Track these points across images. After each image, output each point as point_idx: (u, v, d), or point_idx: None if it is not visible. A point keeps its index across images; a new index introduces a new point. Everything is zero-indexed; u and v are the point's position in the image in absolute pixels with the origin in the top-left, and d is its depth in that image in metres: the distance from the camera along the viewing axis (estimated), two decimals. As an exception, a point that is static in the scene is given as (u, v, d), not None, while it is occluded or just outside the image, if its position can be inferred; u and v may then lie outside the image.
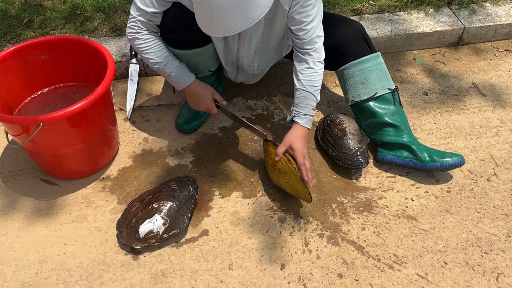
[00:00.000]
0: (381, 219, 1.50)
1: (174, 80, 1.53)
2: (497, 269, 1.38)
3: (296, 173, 1.43)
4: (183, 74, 1.52)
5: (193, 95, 1.56)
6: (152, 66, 1.51)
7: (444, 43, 2.19)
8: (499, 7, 2.26)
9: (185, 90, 1.56)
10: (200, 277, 1.35)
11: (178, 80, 1.53)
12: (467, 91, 1.97)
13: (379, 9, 2.23)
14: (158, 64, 1.49)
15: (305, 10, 1.40)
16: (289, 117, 1.53)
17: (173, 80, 1.53)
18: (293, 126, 1.50)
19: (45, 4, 2.20)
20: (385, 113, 1.60)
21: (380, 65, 1.63)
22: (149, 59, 1.49)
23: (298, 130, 1.48)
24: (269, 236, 1.45)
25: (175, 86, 1.56)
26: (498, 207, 1.54)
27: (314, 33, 1.45)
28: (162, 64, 1.49)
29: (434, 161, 1.54)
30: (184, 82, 1.53)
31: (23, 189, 1.57)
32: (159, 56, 1.48)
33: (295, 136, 1.47)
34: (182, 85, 1.54)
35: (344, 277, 1.35)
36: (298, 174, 1.42)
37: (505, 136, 1.77)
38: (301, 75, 1.49)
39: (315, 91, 1.49)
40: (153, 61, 1.49)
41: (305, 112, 1.49)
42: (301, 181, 1.42)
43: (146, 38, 1.46)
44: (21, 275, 1.35)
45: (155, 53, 1.48)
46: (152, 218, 1.38)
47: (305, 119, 1.49)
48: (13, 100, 1.56)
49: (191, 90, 1.55)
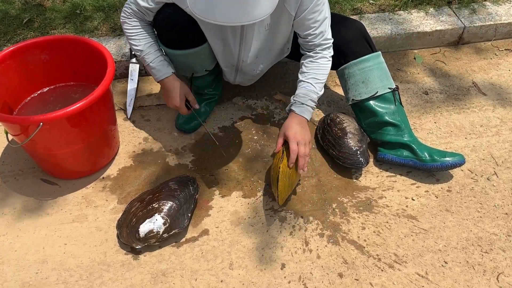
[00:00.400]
0: (382, 219, 1.50)
1: (152, 71, 1.53)
2: (498, 269, 1.38)
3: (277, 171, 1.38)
4: (161, 67, 1.52)
5: (165, 89, 1.56)
6: (135, 53, 1.54)
7: (444, 42, 2.19)
8: (499, 6, 2.25)
9: (160, 83, 1.57)
10: (201, 277, 1.35)
11: (155, 71, 1.53)
12: (467, 90, 1.97)
13: (379, 8, 2.23)
14: (140, 52, 1.51)
15: (313, 16, 1.42)
16: (288, 107, 1.52)
17: (151, 71, 1.53)
18: (289, 115, 1.49)
19: (45, 4, 2.20)
20: (386, 112, 1.60)
21: (381, 64, 1.63)
22: (133, 45, 1.51)
23: (293, 118, 1.46)
24: (270, 235, 1.45)
25: (153, 78, 1.56)
26: (498, 207, 1.54)
27: (322, 37, 1.49)
28: (143, 53, 1.50)
29: (434, 160, 1.54)
30: (160, 75, 1.53)
31: (23, 189, 1.57)
32: (142, 44, 1.50)
33: (288, 124, 1.45)
34: (158, 78, 1.53)
35: (345, 277, 1.35)
36: (277, 175, 1.38)
37: (506, 135, 1.77)
38: (305, 68, 1.52)
39: (317, 83, 1.50)
40: (136, 48, 1.51)
41: (302, 101, 1.47)
42: (276, 182, 1.38)
43: (134, 24, 1.49)
44: (21, 275, 1.35)
45: (139, 40, 1.50)
46: (152, 217, 1.38)
47: (301, 108, 1.47)
48: (13, 100, 1.56)
49: (164, 84, 1.55)
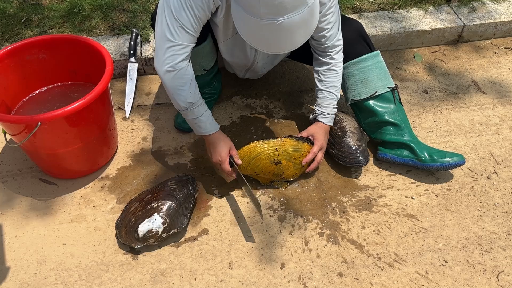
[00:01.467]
0: (381, 218, 1.49)
1: (200, 124, 1.42)
2: (498, 267, 1.38)
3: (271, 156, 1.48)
4: (211, 120, 1.44)
5: (211, 143, 1.46)
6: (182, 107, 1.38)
7: (443, 40, 2.18)
8: (499, 5, 2.25)
9: (205, 138, 1.47)
10: (200, 277, 1.34)
11: (204, 125, 1.43)
12: (467, 88, 1.96)
13: (378, 6, 2.22)
14: (190, 105, 1.38)
15: (327, 18, 1.42)
16: (312, 116, 1.59)
17: (199, 124, 1.42)
18: (316, 123, 1.57)
19: (43, 3, 2.19)
20: (385, 112, 1.60)
21: (380, 63, 1.62)
22: (181, 97, 1.36)
23: (321, 125, 1.56)
24: (269, 235, 1.45)
25: (198, 132, 1.45)
26: (498, 205, 1.54)
27: (335, 37, 1.50)
28: (194, 105, 1.38)
29: (434, 161, 1.53)
30: (210, 129, 1.44)
31: (21, 188, 1.56)
32: (194, 95, 1.37)
33: (318, 129, 1.55)
34: (207, 132, 1.44)
35: (344, 276, 1.35)
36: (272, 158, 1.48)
37: (505, 134, 1.77)
38: (323, 76, 1.55)
39: (336, 90, 1.56)
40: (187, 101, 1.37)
41: (328, 111, 1.56)
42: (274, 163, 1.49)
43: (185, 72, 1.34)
44: (20, 275, 1.35)
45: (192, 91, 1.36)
46: (151, 217, 1.38)
47: (328, 118, 1.56)
48: (11, 99, 1.55)
49: (211, 139, 1.46)
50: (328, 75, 1.55)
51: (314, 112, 1.58)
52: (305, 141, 1.52)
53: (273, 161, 1.48)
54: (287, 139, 1.50)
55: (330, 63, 1.53)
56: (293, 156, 1.50)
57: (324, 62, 1.54)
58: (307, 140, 1.53)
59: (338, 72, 1.55)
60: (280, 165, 1.50)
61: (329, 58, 1.53)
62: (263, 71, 1.73)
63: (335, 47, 1.52)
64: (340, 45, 1.53)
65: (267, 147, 1.48)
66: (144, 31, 2.03)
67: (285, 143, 1.49)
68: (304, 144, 1.51)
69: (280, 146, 1.48)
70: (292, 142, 1.50)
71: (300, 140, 1.51)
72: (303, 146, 1.51)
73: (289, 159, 1.50)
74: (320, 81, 1.56)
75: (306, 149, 1.51)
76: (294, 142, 1.50)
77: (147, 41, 1.99)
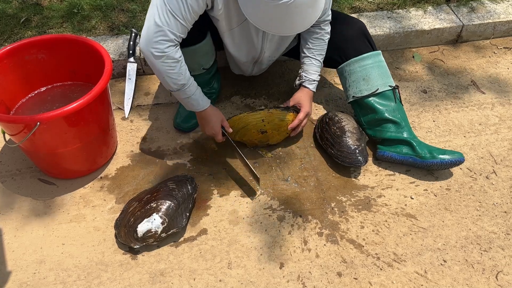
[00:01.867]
0: (380, 217, 1.49)
1: (191, 102, 1.45)
2: (497, 267, 1.38)
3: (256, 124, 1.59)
4: (202, 97, 1.47)
5: (203, 118, 1.52)
6: (174, 88, 1.39)
7: (442, 40, 2.18)
8: (498, 5, 2.25)
9: (197, 113, 1.52)
10: (199, 276, 1.35)
11: (196, 103, 1.46)
12: (466, 88, 1.96)
13: (377, 6, 2.22)
14: (181, 86, 1.39)
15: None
16: (298, 81, 1.66)
17: (191, 102, 1.45)
18: (301, 89, 1.65)
19: (42, 3, 2.19)
20: (386, 110, 1.60)
21: (381, 63, 1.64)
22: (173, 79, 1.36)
23: (306, 91, 1.64)
24: (268, 235, 1.45)
25: (189, 108, 1.49)
26: (497, 205, 1.54)
27: (326, 12, 1.56)
28: (185, 86, 1.39)
29: (434, 157, 1.54)
30: (203, 105, 1.47)
31: (20, 188, 1.56)
32: (185, 77, 1.38)
33: (303, 96, 1.63)
34: (199, 109, 1.48)
35: (343, 276, 1.35)
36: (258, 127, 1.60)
37: (504, 134, 1.77)
38: (311, 45, 1.61)
39: (322, 59, 1.65)
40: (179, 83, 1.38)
41: (313, 78, 1.63)
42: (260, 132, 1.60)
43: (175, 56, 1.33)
44: (19, 275, 1.35)
45: (182, 73, 1.37)
46: (151, 217, 1.38)
47: (313, 84, 1.64)
48: (10, 100, 1.55)
49: (203, 114, 1.50)
50: (316, 43, 1.61)
51: (300, 78, 1.64)
52: (290, 110, 1.61)
53: (259, 130, 1.60)
54: (273, 110, 1.59)
55: (319, 33, 1.59)
56: (278, 125, 1.60)
57: (313, 31, 1.59)
58: (292, 109, 1.62)
59: (325, 42, 1.62)
60: (266, 134, 1.61)
61: (318, 29, 1.59)
62: (269, 63, 1.75)
63: (325, 21, 1.59)
64: (329, 20, 1.60)
65: (254, 118, 1.59)
66: (143, 31, 2.03)
67: (271, 114, 1.59)
68: (289, 113, 1.60)
69: (266, 117, 1.58)
70: (278, 112, 1.59)
71: (285, 110, 1.60)
72: (288, 115, 1.60)
73: (274, 128, 1.61)
74: (308, 49, 1.62)
75: (291, 118, 1.60)
76: (280, 112, 1.59)
77: (146, 41, 1.99)
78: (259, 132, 1.61)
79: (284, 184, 1.59)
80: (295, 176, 1.61)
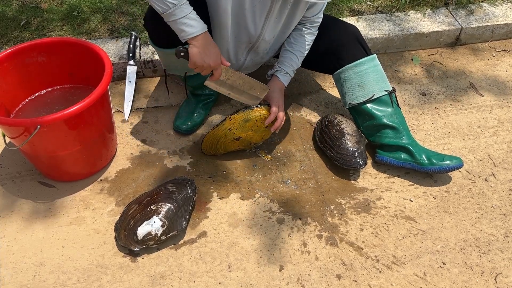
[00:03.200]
0: (380, 220, 1.50)
1: (188, 23, 1.28)
2: (496, 269, 1.38)
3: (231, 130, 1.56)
4: (198, 20, 1.31)
5: (203, 45, 1.33)
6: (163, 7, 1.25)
7: (441, 43, 2.19)
8: (496, 7, 2.26)
9: (195, 39, 1.32)
10: (199, 279, 1.35)
11: (191, 26, 1.29)
12: (464, 91, 1.97)
13: (376, 9, 2.23)
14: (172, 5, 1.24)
15: None
16: (271, 71, 1.63)
17: (187, 23, 1.28)
18: (272, 79, 1.61)
19: (42, 6, 2.20)
20: (383, 115, 1.60)
21: (376, 67, 1.63)
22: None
23: (277, 83, 1.60)
24: (268, 237, 1.45)
25: (185, 33, 1.30)
26: (496, 207, 1.54)
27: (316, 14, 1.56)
28: (177, 5, 1.25)
29: (432, 164, 1.54)
30: (199, 28, 1.30)
31: (20, 191, 1.57)
32: None
33: (273, 87, 1.58)
34: (195, 32, 1.30)
35: (343, 278, 1.35)
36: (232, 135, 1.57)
37: (503, 136, 1.77)
38: (293, 39, 1.61)
39: (300, 56, 1.61)
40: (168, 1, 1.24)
41: (287, 70, 1.60)
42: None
43: None
44: (19, 277, 1.35)
45: None
46: (150, 220, 1.38)
47: (285, 77, 1.61)
48: (10, 102, 1.56)
49: (200, 41, 1.32)
50: (298, 39, 1.60)
51: (273, 68, 1.62)
52: (253, 107, 1.55)
53: (233, 138, 1.58)
54: (234, 115, 1.55)
55: (304, 31, 1.59)
56: (248, 126, 1.56)
57: (298, 28, 1.60)
58: (256, 106, 1.55)
59: (308, 41, 1.61)
60: (242, 139, 1.59)
61: (304, 27, 1.59)
62: (263, 55, 1.66)
63: (314, 23, 1.59)
64: (319, 22, 1.60)
65: (221, 131, 1.57)
66: (143, 34, 2.04)
67: (233, 120, 1.55)
68: (253, 110, 1.54)
69: (231, 125, 1.55)
70: (240, 115, 1.55)
71: (247, 109, 1.54)
72: (252, 112, 1.54)
73: (246, 130, 1.57)
74: (289, 43, 1.61)
75: (258, 114, 1.54)
76: (242, 114, 1.54)
77: (146, 44, 2.00)
78: (234, 140, 1.59)
79: (284, 186, 1.59)
80: (294, 179, 1.61)
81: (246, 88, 1.54)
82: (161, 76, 1.99)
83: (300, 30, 1.60)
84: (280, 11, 1.46)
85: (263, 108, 1.55)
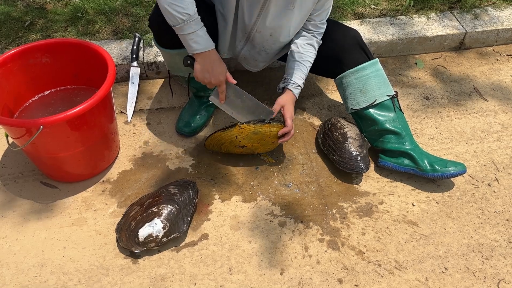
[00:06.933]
0: (382, 224, 1.49)
1: (197, 39, 1.34)
2: (498, 275, 1.37)
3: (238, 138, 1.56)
4: (207, 36, 1.36)
5: (207, 62, 1.39)
6: (176, 19, 1.30)
7: (445, 47, 2.18)
8: (501, 12, 2.25)
9: (200, 56, 1.38)
10: (200, 282, 1.34)
11: (200, 41, 1.34)
12: (468, 95, 1.96)
13: (380, 13, 2.23)
14: (187, 17, 1.29)
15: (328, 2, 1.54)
16: (282, 84, 1.62)
17: (196, 39, 1.34)
18: (285, 92, 1.60)
19: (47, 7, 2.21)
20: (386, 120, 1.59)
21: (379, 71, 1.62)
22: (178, 7, 1.27)
23: (290, 95, 1.59)
24: (269, 240, 1.45)
25: (191, 48, 1.36)
26: (499, 213, 1.53)
27: (322, 20, 1.57)
28: (191, 18, 1.30)
29: (435, 170, 1.53)
30: (207, 44, 1.36)
31: (23, 191, 1.57)
32: (191, 7, 1.29)
33: (287, 100, 1.58)
34: (203, 48, 1.36)
35: (344, 283, 1.35)
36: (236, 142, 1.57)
37: (507, 141, 1.76)
38: (302, 49, 1.59)
39: (309, 66, 1.62)
40: (183, 12, 1.28)
41: (298, 83, 1.60)
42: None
43: None
44: (20, 278, 1.35)
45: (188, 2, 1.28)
46: (152, 221, 1.38)
47: (297, 89, 1.61)
48: (14, 103, 1.56)
49: (207, 57, 1.38)
50: (307, 49, 1.59)
51: (285, 81, 1.61)
52: (264, 122, 1.54)
53: (238, 146, 1.59)
54: (245, 126, 1.53)
55: (312, 39, 1.59)
56: (255, 139, 1.55)
57: (305, 36, 1.59)
58: (266, 120, 1.55)
59: (315, 52, 1.61)
60: (246, 148, 1.60)
61: (312, 35, 1.59)
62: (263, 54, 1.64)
63: (319, 29, 1.59)
64: (323, 29, 1.60)
65: (227, 136, 1.56)
66: (146, 35, 2.04)
67: (243, 129, 1.53)
68: (264, 125, 1.53)
69: (239, 134, 1.54)
70: (251, 126, 1.53)
71: (259, 123, 1.53)
72: (263, 127, 1.53)
73: (253, 141, 1.56)
74: (298, 53, 1.59)
75: (268, 130, 1.54)
76: (253, 126, 1.53)
77: (149, 46, 2.00)
78: (239, 147, 1.59)
79: (286, 189, 1.59)
80: (296, 182, 1.61)
81: (250, 110, 1.56)
82: (165, 78, 2.00)
83: (308, 39, 1.59)
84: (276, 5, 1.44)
85: (274, 125, 1.53)
